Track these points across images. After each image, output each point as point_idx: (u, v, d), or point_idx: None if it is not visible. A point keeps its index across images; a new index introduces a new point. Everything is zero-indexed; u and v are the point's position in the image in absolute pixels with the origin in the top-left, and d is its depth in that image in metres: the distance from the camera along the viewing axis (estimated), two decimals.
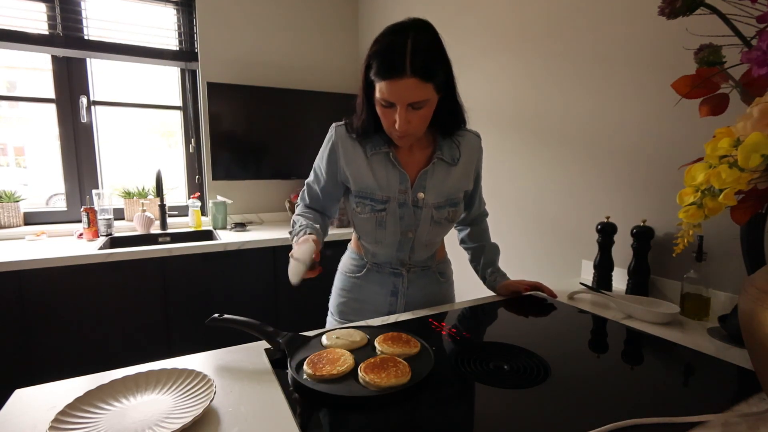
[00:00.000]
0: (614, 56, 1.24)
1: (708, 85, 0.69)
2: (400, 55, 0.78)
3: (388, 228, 0.97)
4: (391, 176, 0.95)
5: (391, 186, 0.95)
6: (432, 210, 0.97)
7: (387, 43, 0.80)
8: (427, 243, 1.01)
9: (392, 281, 1.04)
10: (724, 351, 0.80)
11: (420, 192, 0.96)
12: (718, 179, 0.54)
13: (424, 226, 0.97)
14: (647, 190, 1.18)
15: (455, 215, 1.00)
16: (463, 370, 0.71)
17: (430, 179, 0.96)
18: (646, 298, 1.04)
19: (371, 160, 0.95)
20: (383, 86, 0.81)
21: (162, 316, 1.92)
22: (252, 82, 2.49)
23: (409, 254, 1.02)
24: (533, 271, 1.59)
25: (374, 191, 0.95)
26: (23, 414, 0.58)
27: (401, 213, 0.96)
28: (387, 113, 0.85)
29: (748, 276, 0.68)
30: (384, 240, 0.99)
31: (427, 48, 0.80)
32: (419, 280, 1.06)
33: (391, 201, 0.95)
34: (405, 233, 0.98)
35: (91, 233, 2.07)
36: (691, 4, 0.69)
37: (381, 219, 0.96)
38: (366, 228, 0.99)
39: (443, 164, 0.97)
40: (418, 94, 0.81)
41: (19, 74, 2.30)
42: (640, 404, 0.61)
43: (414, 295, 1.05)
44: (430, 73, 0.80)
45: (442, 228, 1.01)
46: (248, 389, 0.65)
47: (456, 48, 1.91)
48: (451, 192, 0.99)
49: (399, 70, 0.78)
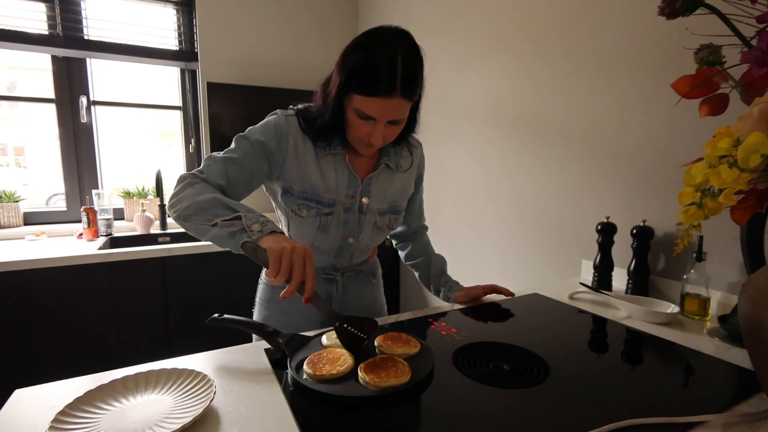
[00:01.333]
0: (614, 56, 1.24)
1: (708, 85, 0.69)
2: (391, 74, 0.74)
3: (330, 233, 0.91)
4: (341, 179, 0.90)
5: (339, 189, 0.90)
6: (375, 216, 0.94)
7: (376, 57, 0.75)
8: (365, 249, 0.99)
9: (325, 288, 0.99)
10: (724, 351, 0.80)
11: (365, 197, 0.92)
12: (718, 179, 0.54)
13: (366, 232, 0.94)
14: (647, 190, 1.18)
15: (396, 223, 0.99)
16: (463, 370, 0.71)
17: (375, 184, 0.93)
18: (646, 298, 1.04)
19: (321, 161, 0.88)
20: (367, 101, 0.76)
21: (162, 316, 1.92)
22: (252, 82, 2.49)
23: (348, 260, 0.99)
24: (533, 271, 1.59)
25: (321, 193, 0.89)
26: (23, 414, 0.58)
27: (345, 218, 0.91)
28: (361, 125, 0.80)
29: (748, 276, 0.68)
30: (323, 246, 0.93)
31: (414, 66, 0.77)
32: (353, 284, 1.02)
33: (337, 204, 0.90)
34: (346, 239, 0.93)
35: (91, 233, 2.07)
36: (691, 4, 0.69)
37: (325, 223, 0.90)
38: (305, 232, 0.91)
39: (388, 170, 0.95)
40: (401, 112, 0.79)
41: (19, 74, 2.30)
42: (640, 404, 0.61)
43: (348, 300, 1.02)
44: (415, 92, 0.79)
45: (382, 234, 0.98)
46: (248, 389, 0.65)
47: (456, 48, 1.91)
48: (395, 199, 0.97)
49: (389, 90, 0.74)
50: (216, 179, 0.82)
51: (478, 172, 1.82)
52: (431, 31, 2.07)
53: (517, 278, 1.67)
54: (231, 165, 0.83)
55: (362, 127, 0.81)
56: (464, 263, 1.94)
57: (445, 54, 1.97)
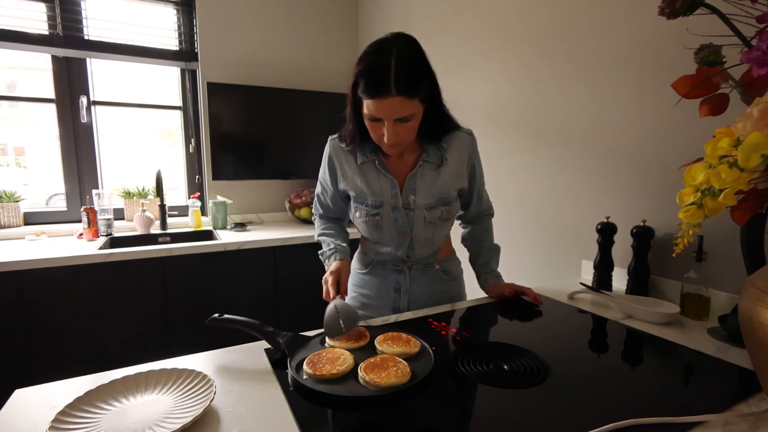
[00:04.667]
0: (614, 56, 1.24)
1: (708, 85, 0.69)
2: (385, 76, 0.80)
3: (384, 230, 1.01)
4: (383, 182, 1.00)
5: (384, 191, 0.99)
6: (424, 211, 0.99)
7: (371, 62, 0.83)
8: (426, 242, 1.03)
9: (395, 278, 1.07)
10: (724, 351, 0.80)
11: (411, 195, 0.99)
12: (718, 179, 0.54)
13: (419, 226, 1.00)
14: (647, 190, 1.18)
15: (449, 214, 1.02)
16: (463, 370, 0.71)
17: (419, 181, 0.99)
18: (646, 298, 1.04)
19: (362, 168, 1.01)
20: (370, 104, 0.84)
21: (162, 316, 1.92)
22: (252, 82, 2.49)
23: (408, 252, 1.04)
24: (533, 271, 1.59)
25: (367, 197, 1.00)
26: (23, 414, 0.58)
27: (394, 216, 1.00)
28: (375, 127, 0.89)
29: (748, 276, 0.68)
30: (383, 240, 1.03)
31: (410, 66, 0.82)
32: (421, 278, 1.08)
33: (384, 206, 0.99)
34: (402, 234, 1.01)
35: (91, 233, 2.07)
36: (691, 4, 0.69)
37: (377, 222, 1.00)
38: (365, 229, 1.05)
39: (430, 165, 1.00)
40: (403, 110, 0.84)
41: (19, 74, 2.30)
42: (640, 404, 0.61)
43: (416, 292, 1.07)
44: (414, 90, 0.83)
45: (438, 227, 1.02)
46: (248, 389, 0.65)
47: (456, 48, 1.91)
48: (442, 192, 1.00)
49: (384, 90, 0.81)
50: (321, 211, 1.15)
51: None
52: (431, 31, 2.07)
53: (517, 278, 1.66)
54: (319, 201, 1.14)
55: (376, 129, 0.89)
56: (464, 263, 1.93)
57: (446, 54, 1.97)
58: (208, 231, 2.37)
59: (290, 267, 2.19)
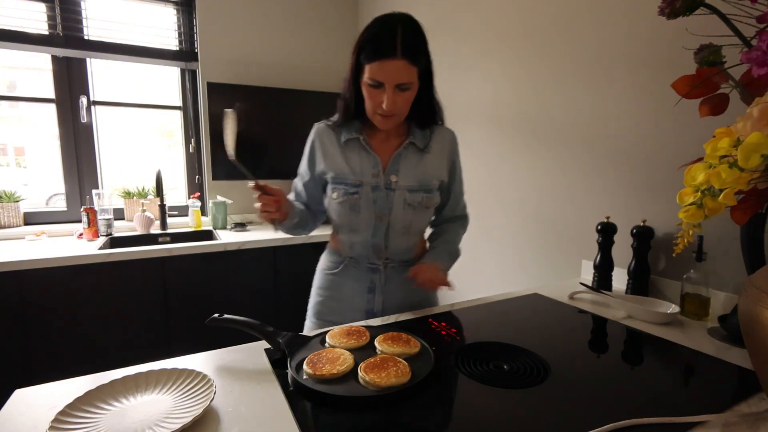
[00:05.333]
0: (614, 56, 1.24)
1: (708, 85, 0.69)
2: (391, 38, 0.85)
3: (362, 212, 0.99)
4: (364, 161, 0.99)
5: (364, 170, 0.98)
6: (405, 193, 0.98)
7: (378, 28, 0.88)
8: (402, 230, 1.00)
9: (369, 277, 1.03)
10: (724, 351, 0.80)
11: (392, 175, 0.98)
12: (718, 179, 0.54)
13: (398, 209, 0.98)
14: (647, 190, 1.18)
15: (430, 202, 1.01)
16: (463, 370, 0.71)
17: (402, 162, 0.99)
18: (646, 298, 1.04)
19: (345, 147, 1.01)
20: (374, 67, 0.86)
21: (162, 316, 1.92)
22: (252, 82, 2.49)
23: (385, 241, 1.00)
24: (533, 271, 1.59)
25: (347, 176, 0.99)
26: (23, 414, 0.58)
27: (374, 197, 0.98)
28: (375, 94, 0.90)
29: (748, 276, 0.68)
30: (359, 226, 1.00)
31: (414, 35, 0.89)
32: (397, 277, 1.03)
33: (364, 185, 0.98)
34: (379, 217, 0.98)
35: (91, 233, 2.07)
36: (691, 4, 0.69)
37: (354, 203, 0.98)
38: (341, 213, 1.01)
39: (415, 149, 1.01)
40: (406, 75, 0.87)
41: (19, 74, 2.30)
42: (640, 404, 0.61)
43: (392, 293, 1.03)
44: (418, 57, 0.88)
45: (417, 214, 1.00)
46: (248, 389, 0.65)
47: (456, 47, 1.91)
48: (424, 177, 1.00)
49: (390, 52, 0.85)
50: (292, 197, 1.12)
51: (478, 171, 1.82)
52: (431, 31, 2.04)
53: (517, 278, 1.67)
54: (294, 187, 1.12)
55: (375, 96, 0.90)
56: (464, 263, 1.93)
57: (446, 54, 1.97)
58: (208, 231, 2.37)
59: (290, 267, 2.18)
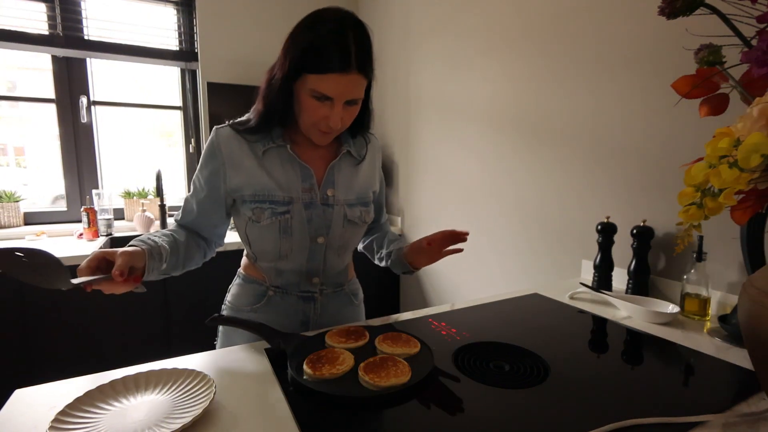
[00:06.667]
0: (614, 56, 1.24)
1: (708, 85, 0.69)
2: (345, 49, 0.72)
3: (294, 234, 0.84)
4: (290, 174, 0.84)
5: (292, 184, 0.84)
6: (344, 208, 0.87)
7: (327, 34, 0.73)
8: (339, 249, 0.90)
9: (302, 309, 0.90)
10: (724, 351, 0.80)
11: (329, 188, 0.86)
12: (718, 179, 0.54)
13: (337, 227, 0.87)
14: (647, 190, 1.18)
15: (368, 216, 0.92)
16: (463, 370, 0.71)
17: (338, 174, 0.88)
18: (646, 298, 1.04)
19: (264, 159, 0.84)
20: (322, 80, 0.73)
21: (162, 316, 1.92)
22: (252, 82, 2.49)
23: (323, 265, 0.90)
24: (533, 271, 1.59)
25: (273, 192, 0.83)
26: (23, 414, 0.58)
27: (308, 215, 0.84)
28: (317, 107, 0.76)
29: (748, 276, 0.68)
30: (291, 251, 0.86)
31: (367, 44, 0.76)
32: (332, 303, 0.94)
33: (294, 202, 0.83)
34: (314, 238, 0.86)
35: (91, 233, 2.07)
36: (691, 4, 0.69)
37: (285, 224, 0.83)
38: (267, 239, 0.85)
39: (350, 159, 0.91)
40: (358, 90, 0.77)
41: (19, 74, 2.30)
42: (640, 404, 0.61)
43: (328, 323, 0.93)
44: (370, 69, 0.77)
45: (355, 230, 0.91)
46: (248, 389, 0.65)
47: (456, 47, 1.91)
48: (361, 190, 0.92)
49: (343, 66, 0.72)
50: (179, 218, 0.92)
51: (478, 171, 1.82)
52: (431, 31, 2.07)
53: (517, 278, 1.67)
54: (185, 205, 0.91)
55: (319, 109, 0.77)
56: (464, 263, 1.94)
57: (445, 53, 1.97)
58: None
59: None
